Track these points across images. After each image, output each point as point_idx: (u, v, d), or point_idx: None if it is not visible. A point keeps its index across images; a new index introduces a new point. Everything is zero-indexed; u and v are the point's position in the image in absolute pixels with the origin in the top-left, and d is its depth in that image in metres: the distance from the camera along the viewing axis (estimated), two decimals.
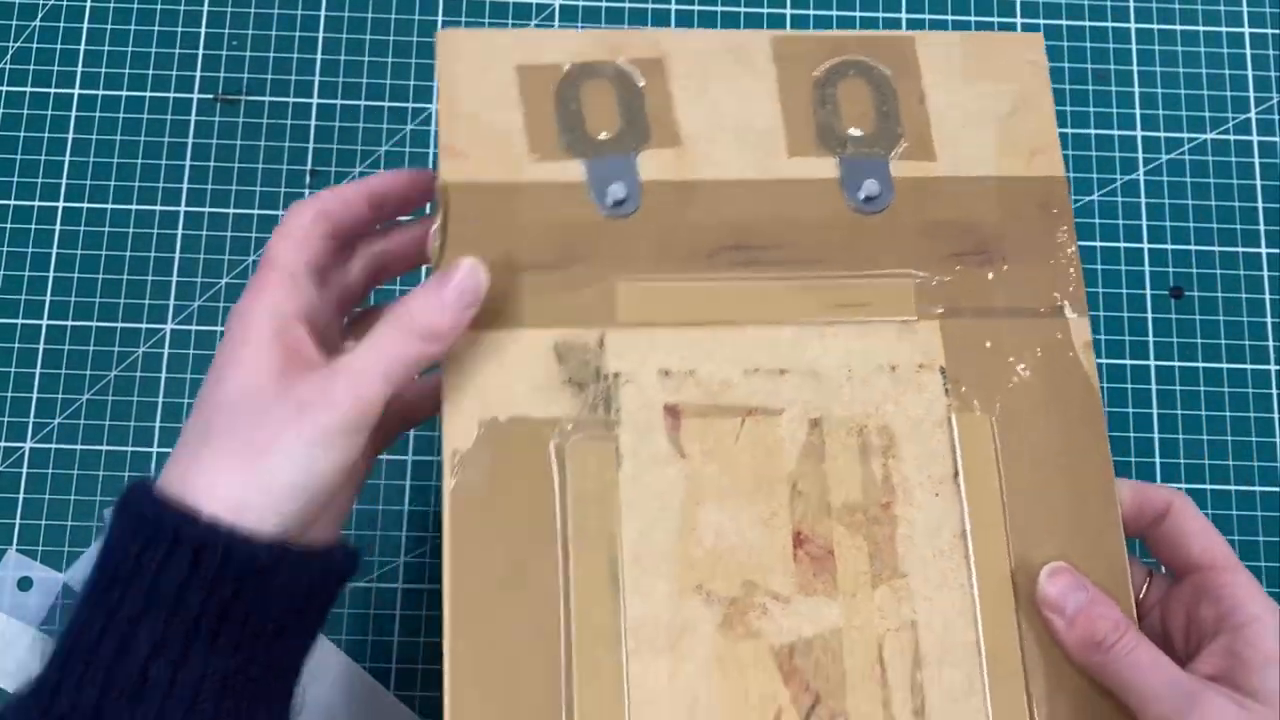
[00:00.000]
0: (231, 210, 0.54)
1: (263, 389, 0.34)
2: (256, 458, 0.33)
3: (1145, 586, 0.39)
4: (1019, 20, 0.57)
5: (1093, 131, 0.56)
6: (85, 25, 0.56)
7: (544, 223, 0.39)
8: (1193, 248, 0.55)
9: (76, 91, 0.55)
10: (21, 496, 0.51)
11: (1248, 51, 0.57)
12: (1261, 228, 0.55)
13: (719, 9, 0.57)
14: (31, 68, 0.55)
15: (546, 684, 0.35)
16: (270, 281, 0.35)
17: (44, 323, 0.53)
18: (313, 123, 0.55)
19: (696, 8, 0.57)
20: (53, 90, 0.55)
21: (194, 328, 0.53)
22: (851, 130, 0.41)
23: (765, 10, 0.57)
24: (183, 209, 0.54)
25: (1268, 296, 0.54)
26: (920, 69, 0.42)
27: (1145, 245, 0.55)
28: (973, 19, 0.57)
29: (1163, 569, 0.39)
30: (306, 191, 0.54)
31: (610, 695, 0.35)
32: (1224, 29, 0.57)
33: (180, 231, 0.54)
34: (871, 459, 0.38)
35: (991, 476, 0.38)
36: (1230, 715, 0.33)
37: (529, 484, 0.37)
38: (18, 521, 0.51)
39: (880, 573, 0.37)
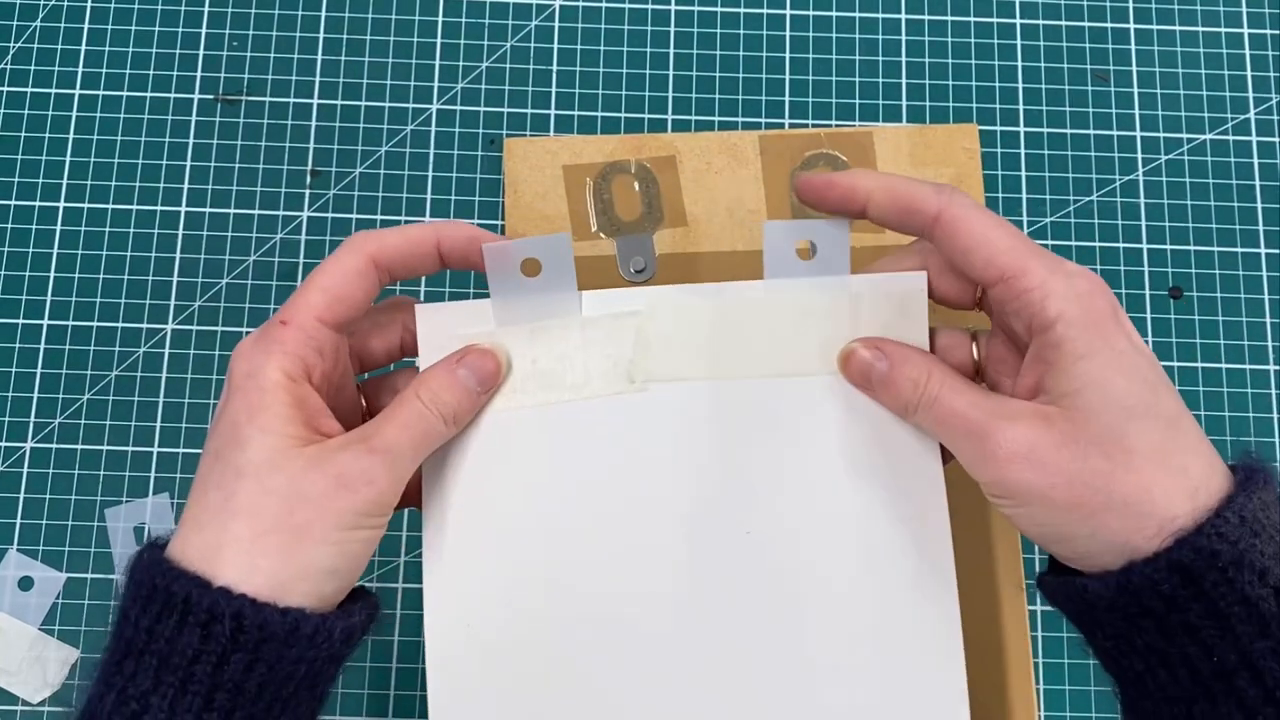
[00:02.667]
0: (232, 210, 0.54)
1: (291, 459, 0.32)
2: (295, 540, 0.32)
3: (974, 346, 0.37)
4: (1019, 20, 0.57)
5: (1092, 132, 0.56)
6: (86, 26, 0.56)
7: (583, 287, 0.50)
8: (1192, 248, 0.55)
9: (77, 92, 0.55)
10: (22, 496, 0.51)
11: (1247, 52, 0.57)
12: (1260, 228, 0.55)
13: (719, 9, 0.57)
14: (32, 68, 0.55)
15: None
16: (287, 340, 0.34)
17: (45, 323, 0.53)
18: (313, 123, 0.55)
19: (696, 8, 0.57)
20: (53, 90, 0.55)
21: (194, 328, 0.53)
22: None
23: (765, 11, 0.57)
24: (183, 209, 0.54)
25: (1266, 297, 0.54)
26: (876, 158, 0.53)
27: (1144, 245, 0.55)
28: (972, 19, 0.57)
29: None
30: (307, 192, 0.54)
31: None
32: (1223, 29, 0.57)
33: (181, 232, 0.54)
34: None
35: None
36: (1026, 439, 0.31)
37: None
38: (18, 521, 0.51)
39: None
